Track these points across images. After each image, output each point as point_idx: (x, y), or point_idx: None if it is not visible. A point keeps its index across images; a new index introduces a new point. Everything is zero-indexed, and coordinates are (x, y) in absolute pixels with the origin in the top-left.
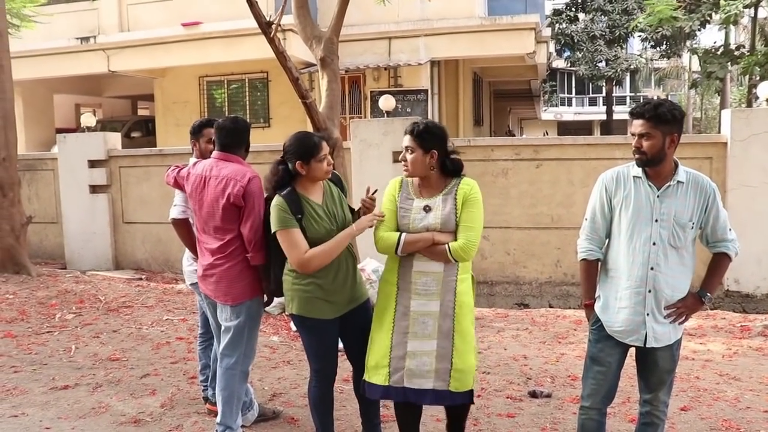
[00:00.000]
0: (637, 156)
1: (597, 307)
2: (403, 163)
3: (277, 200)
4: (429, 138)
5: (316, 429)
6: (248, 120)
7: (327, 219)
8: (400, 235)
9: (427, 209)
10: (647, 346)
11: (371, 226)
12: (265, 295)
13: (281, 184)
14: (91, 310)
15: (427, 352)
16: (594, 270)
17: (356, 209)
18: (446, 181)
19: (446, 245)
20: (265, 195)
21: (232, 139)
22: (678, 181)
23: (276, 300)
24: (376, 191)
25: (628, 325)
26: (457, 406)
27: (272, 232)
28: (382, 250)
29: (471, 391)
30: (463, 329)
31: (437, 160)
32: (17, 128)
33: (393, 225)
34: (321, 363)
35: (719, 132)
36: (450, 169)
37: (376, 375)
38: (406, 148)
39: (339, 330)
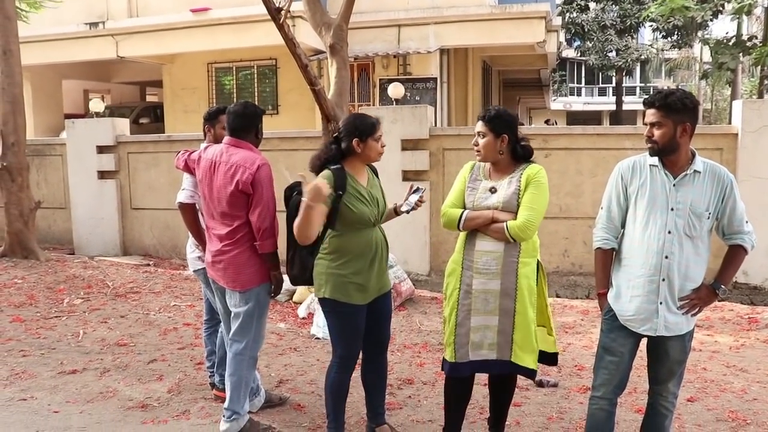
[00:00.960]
0: (649, 145)
1: (610, 296)
2: (475, 147)
3: (326, 173)
4: (500, 123)
5: (328, 414)
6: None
7: (368, 202)
8: (462, 212)
9: (492, 190)
10: (658, 334)
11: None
12: (273, 284)
13: (329, 162)
14: (98, 296)
15: (490, 327)
16: (609, 259)
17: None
18: (515, 165)
19: (504, 223)
20: (310, 170)
21: (242, 123)
22: (695, 171)
23: (283, 288)
24: (424, 190)
25: (640, 314)
26: (504, 382)
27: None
28: (446, 225)
29: (533, 370)
30: (525, 310)
31: (507, 144)
32: (26, 113)
33: (460, 203)
34: (347, 348)
35: (730, 123)
36: (520, 154)
37: (447, 352)
38: (478, 133)
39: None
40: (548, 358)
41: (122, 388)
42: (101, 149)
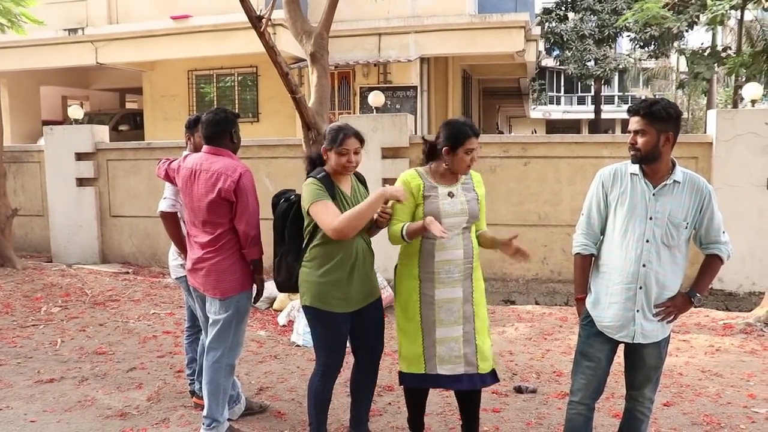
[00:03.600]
0: (632, 152)
1: (588, 302)
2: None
3: (312, 180)
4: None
5: (311, 422)
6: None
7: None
8: (402, 225)
9: (450, 195)
10: (634, 341)
11: (398, 200)
12: (254, 290)
13: (314, 165)
14: (77, 304)
15: (454, 338)
16: (587, 264)
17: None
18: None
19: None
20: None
21: (215, 130)
22: (674, 181)
23: (264, 295)
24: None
25: (617, 321)
26: (471, 393)
27: (305, 209)
28: (394, 242)
29: (494, 371)
30: (481, 312)
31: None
32: (3, 120)
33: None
34: (329, 357)
35: (705, 132)
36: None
37: (414, 365)
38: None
39: (350, 325)
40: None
41: (101, 396)
42: (80, 156)
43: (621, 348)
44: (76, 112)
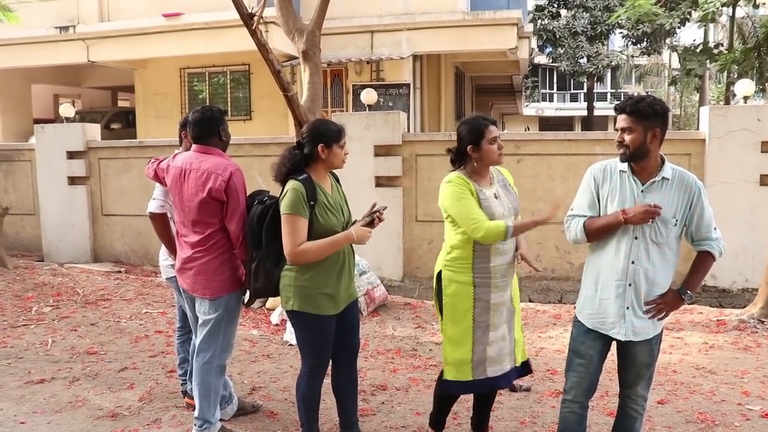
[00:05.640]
0: (620, 150)
1: (579, 299)
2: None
3: (295, 184)
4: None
5: (302, 423)
6: (229, 112)
7: (336, 211)
8: (507, 223)
9: (496, 196)
10: (625, 339)
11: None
12: (247, 291)
13: (295, 169)
14: (68, 303)
15: (504, 337)
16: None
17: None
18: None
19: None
20: (274, 179)
21: (202, 129)
22: (663, 177)
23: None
24: (385, 208)
25: (608, 317)
26: (490, 394)
27: (282, 213)
28: (493, 238)
29: (527, 361)
30: (517, 306)
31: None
32: None
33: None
34: (317, 359)
35: (698, 129)
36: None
37: (462, 373)
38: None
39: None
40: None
41: (92, 397)
42: (71, 155)
43: (614, 346)
44: (67, 110)
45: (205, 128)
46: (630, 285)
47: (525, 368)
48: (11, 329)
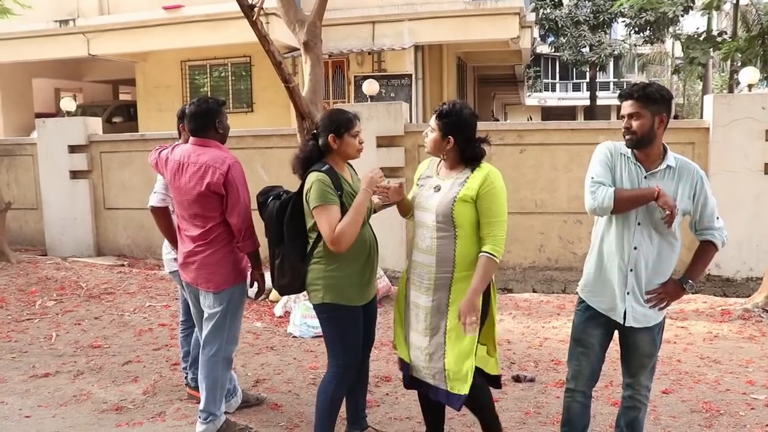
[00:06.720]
0: (627, 137)
1: (581, 282)
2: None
3: (318, 175)
4: (448, 124)
5: (322, 426)
6: (231, 105)
7: None
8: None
9: (437, 188)
10: (626, 324)
11: (375, 193)
12: (255, 283)
13: (310, 160)
14: (72, 297)
15: (420, 348)
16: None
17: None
18: (463, 166)
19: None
20: (294, 172)
21: (199, 122)
22: (667, 166)
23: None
24: (401, 183)
25: (609, 300)
26: (437, 412)
27: (312, 208)
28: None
29: (465, 396)
30: (458, 328)
31: (454, 146)
32: None
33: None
34: (350, 356)
35: (701, 117)
36: (468, 157)
37: (402, 351)
38: (431, 127)
39: None
40: (491, 381)
41: (96, 390)
42: (73, 149)
43: (617, 335)
44: (68, 104)
45: (202, 121)
46: (631, 270)
47: (460, 400)
48: (15, 323)
